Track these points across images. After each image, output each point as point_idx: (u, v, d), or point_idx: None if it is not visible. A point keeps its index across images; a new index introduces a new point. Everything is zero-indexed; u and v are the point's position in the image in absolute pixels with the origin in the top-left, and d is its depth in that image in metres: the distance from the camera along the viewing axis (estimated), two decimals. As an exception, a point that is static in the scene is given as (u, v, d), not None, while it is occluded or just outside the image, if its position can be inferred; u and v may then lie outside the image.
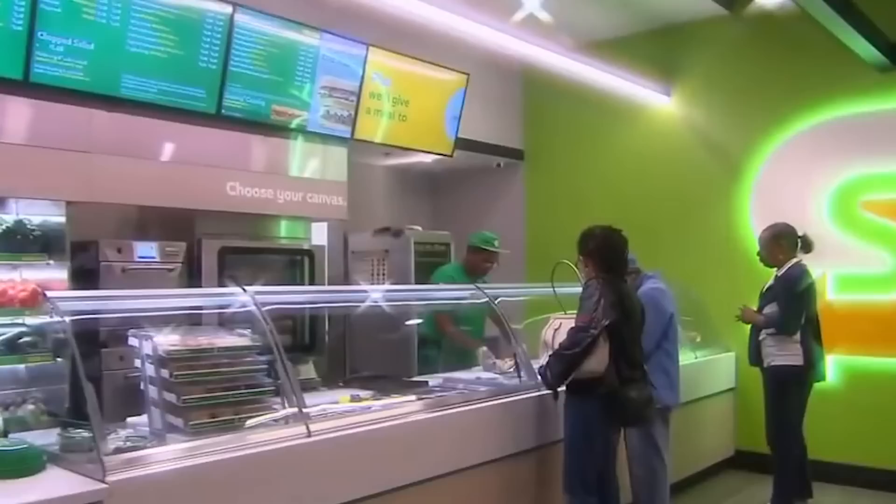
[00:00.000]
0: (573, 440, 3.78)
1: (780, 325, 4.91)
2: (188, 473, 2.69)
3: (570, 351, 3.60)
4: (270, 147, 5.02)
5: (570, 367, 3.62)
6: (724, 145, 6.62)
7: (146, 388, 3.07)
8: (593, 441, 3.77)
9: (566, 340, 3.63)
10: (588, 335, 3.57)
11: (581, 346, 3.57)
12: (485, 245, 5.46)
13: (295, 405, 3.17)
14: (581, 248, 3.89)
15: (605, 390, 3.65)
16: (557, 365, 3.66)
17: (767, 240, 5.11)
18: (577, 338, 3.59)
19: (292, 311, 4.83)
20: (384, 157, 6.82)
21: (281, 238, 5.36)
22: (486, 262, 5.48)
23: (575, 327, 3.62)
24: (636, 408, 3.72)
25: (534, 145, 7.70)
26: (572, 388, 3.72)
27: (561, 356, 3.64)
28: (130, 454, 2.68)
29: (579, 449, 3.76)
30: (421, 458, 3.49)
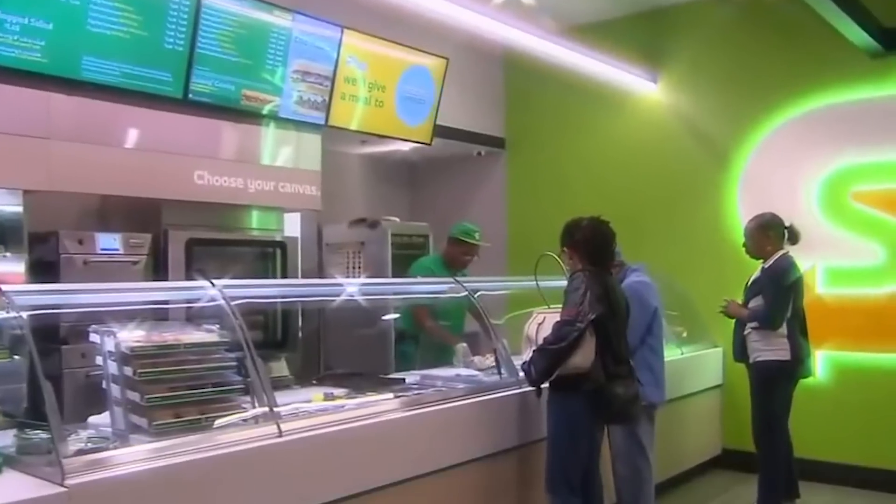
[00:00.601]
0: (557, 438, 3.78)
1: (766, 319, 4.93)
2: (152, 476, 2.66)
3: (556, 346, 3.59)
4: (240, 134, 4.98)
5: (555, 363, 3.61)
6: (712, 133, 6.64)
7: (108, 386, 3.03)
8: (578, 439, 3.77)
9: (551, 335, 3.62)
10: (574, 329, 3.56)
11: (567, 340, 3.57)
12: (464, 237, 5.45)
13: (265, 404, 3.15)
14: (567, 239, 3.88)
15: (590, 386, 3.65)
16: (542, 360, 3.65)
17: (754, 230, 5.13)
18: (563, 332, 3.58)
19: (263, 305, 4.80)
20: (360, 144, 6.80)
21: (252, 229, 5.33)
22: (466, 255, 5.47)
23: (560, 321, 3.62)
24: (622, 405, 3.73)
25: (515, 133, 7.70)
26: (556, 385, 3.71)
27: (546, 351, 3.63)
28: (91, 456, 2.65)
29: (563, 447, 3.76)
30: (397, 458, 3.49)
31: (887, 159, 5.88)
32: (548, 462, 3.81)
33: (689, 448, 6.04)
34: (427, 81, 6.03)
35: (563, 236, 3.91)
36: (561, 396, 3.74)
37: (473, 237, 5.46)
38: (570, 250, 3.86)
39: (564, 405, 3.74)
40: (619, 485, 4.52)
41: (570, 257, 3.86)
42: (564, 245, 3.89)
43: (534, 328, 3.80)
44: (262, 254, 5.22)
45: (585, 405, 3.69)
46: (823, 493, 5.71)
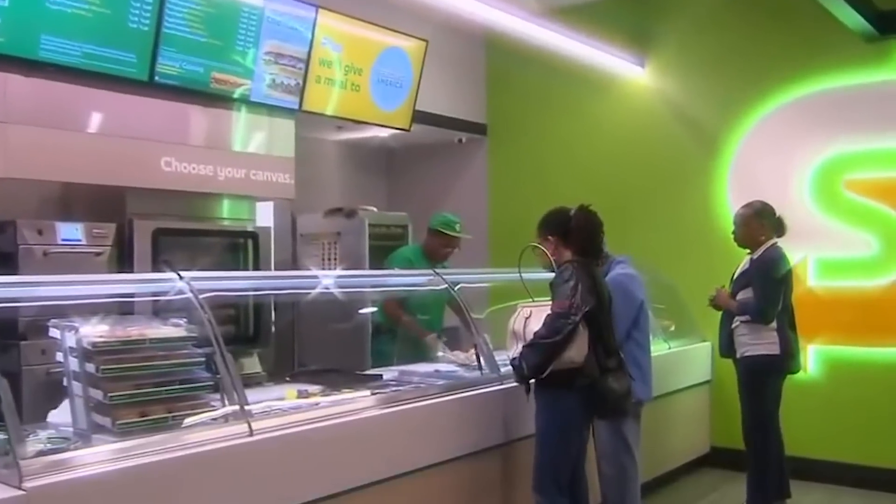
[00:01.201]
0: (547, 436, 3.76)
1: (757, 313, 4.93)
2: (116, 477, 2.63)
3: (550, 339, 3.58)
4: (210, 119, 4.95)
5: (549, 357, 3.60)
6: (701, 120, 6.66)
7: (70, 384, 3.00)
8: (570, 437, 3.77)
9: (543, 328, 3.60)
10: (569, 322, 3.57)
11: (562, 333, 3.56)
12: (444, 229, 5.43)
13: (236, 402, 3.13)
14: (554, 229, 3.85)
15: (585, 381, 3.66)
16: (535, 355, 3.62)
17: (749, 217, 5.10)
18: (557, 325, 3.57)
19: (234, 299, 4.79)
20: (336, 130, 6.77)
21: (222, 219, 5.31)
22: (446, 247, 5.45)
23: (554, 314, 3.60)
24: (616, 399, 3.74)
25: (498, 119, 7.68)
26: (548, 381, 3.67)
27: (539, 345, 3.60)
28: (51, 457, 2.62)
29: (554, 445, 3.75)
30: (374, 457, 3.48)
31: (882, 146, 5.91)
32: (536, 462, 3.80)
33: (676, 446, 6.07)
34: (405, 64, 6.01)
35: (548, 225, 3.89)
36: (552, 393, 3.71)
37: (454, 229, 5.44)
38: (556, 239, 3.83)
39: (556, 402, 3.72)
40: (605, 484, 4.52)
41: (555, 247, 3.84)
42: (549, 234, 3.86)
43: (520, 323, 3.75)
44: (233, 245, 5.19)
45: (579, 401, 3.70)
46: (816, 493, 5.76)
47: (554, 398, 3.72)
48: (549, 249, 3.86)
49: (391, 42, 5.87)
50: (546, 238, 3.87)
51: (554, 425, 3.75)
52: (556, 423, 3.75)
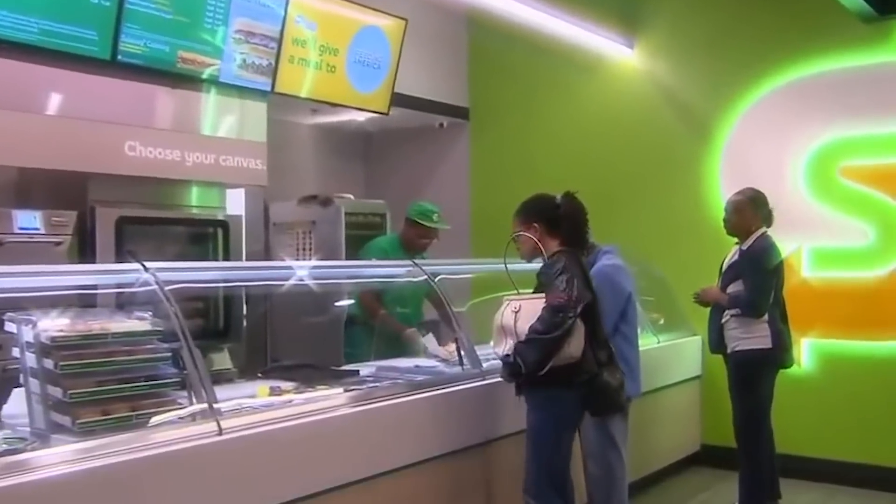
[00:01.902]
0: (542, 436, 3.72)
1: (750, 306, 4.94)
2: (77, 480, 2.61)
3: (550, 335, 3.52)
4: (177, 100, 4.93)
5: (550, 354, 3.55)
6: (692, 103, 6.67)
7: (26, 381, 2.97)
8: (564, 437, 3.74)
9: (540, 324, 3.54)
10: (569, 316, 3.53)
11: (562, 328, 3.52)
12: (421, 220, 5.39)
13: (204, 399, 3.11)
14: (540, 216, 3.80)
15: (583, 377, 3.64)
16: (533, 352, 3.55)
17: (744, 205, 5.10)
18: (556, 320, 3.52)
19: (203, 291, 4.79)
20: (310, 114, 6.76)
21: (190, 207, 5.30)
22: (423, 238, 5.42)
23: (552, 308, 3.54)
24: (613, 394, 3.74)
25: (480, 103, 7.67)
26: (544, 378, 3.60)
27: (538, 341, 3.54)
28: (7, 459, 2.58)
29: (550, 445, 3.71)
30: (350, 457, 3.47)
31: (879, 132, 5.94)
32: (531, 464, 3.74)
33: (665, 444, 6.09)
34: (383, 44, 5.98)
35: (533, 211, 3.83)
36: (548, 391, 3.66)
37: (431, 219, 5.40)
38: (543, 227, 3.78)
39: (552, 400, 3.68)
40: (591, 484, 4.53)
41: (540, 236, 3.78)
42: (535, 221, 3.80)
43: (509, 317, 3.67)
44: (202, 234, 5.18)
45: (576, 398, 3.68)
46: (810, 492, 5.80)
47: (549, 396, 3.68)
48: (534, 238, 3.80)
49: (369, 21, 5.84)
50: (530, 226, 3.82)
51: (549, 424, 3.72)
52: (552, 422, 3.71)
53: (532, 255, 3.84)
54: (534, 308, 3.60)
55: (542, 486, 3.73)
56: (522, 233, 3.82)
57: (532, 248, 3.81)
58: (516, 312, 3.64)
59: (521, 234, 3.82)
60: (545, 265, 3.71)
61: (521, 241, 3.84)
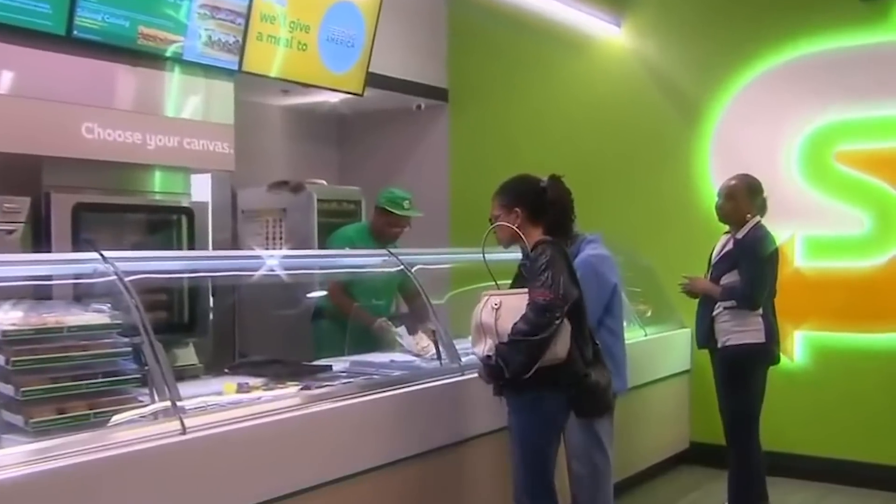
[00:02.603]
0: (530, 441, 3.65)
1: (746, 298, 4.93)
2: (30, 483, 2.58)
3: (538, 336, 3.42)
4: (138, 80, 4.90)
5: (536, 356, 3.45)
6: (682, 85, 6.68)
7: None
8: (553, 438, 3.69)
9: (525, 323, 3.43)
10: (556, 316, 3.43)
11: (549, 329, 3.42)
12: (391, 207, 5.35)
13: (167, 397, 3.09)
14: (523, 200, 3.67)
15: (569, 379, 3.57)
16: (518, 355, 3.44)
17: (740, 191, 5.07)
18: (543, 319, 3.42)
19: (166, 282, 4.72)
20: (281, 95, 6.74)
21: (153, 193, 5.27)
22: (393, 227, 5.38)
23: (538, 305, 3.43)
24: (601, 395, 3.68)
25: (460, 84, 7.66)
26: (528, 380, 3.51)
27: (524, 343, 3.43)
28: (-45, 460, 2.57)
29: (540, 450, 3.64)
30: (321, 457, 3.46)
31: (877, 115, 5.96)
32: (521, 473, 3.66)
33: (652, 442, 6.12)
34: (357, 21, 5.96)
35: (516, 194, 3.71)
36: (533, 393, 3.57)
37: (402, 207, 5.35)
38: (526, 213, 3.66)
39: (537, 403, 3.60)
40: (575, 485, 4.54)
41: (522, 222, 3.66)
42: (518, 205, 3.67)
43: (489, 314, 3.55)
44: (166, 222, 5.16)
45: (562, 400, 3.61)
46: (802, 491, 5.84)
47: (534, 398, 3.59)
48: (514, 224, 3.67)
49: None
50: (512, 210, 3.69)
51: (537, 428, 3.64)
52: (539, 426, 3.64)
53: (510, 242, 3.72)
54: (515, 304, 3.49)
55: (540, 493, 3.66)
56: (502, 222, 3.69)
57: (511, 234, 3.68)
58: (496, 309, 3.53)
59: (501, 221, 3.69)
60: (529, 257, 3.60)
61: (500, 226, 3.70)
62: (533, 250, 3.59)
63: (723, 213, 5.13)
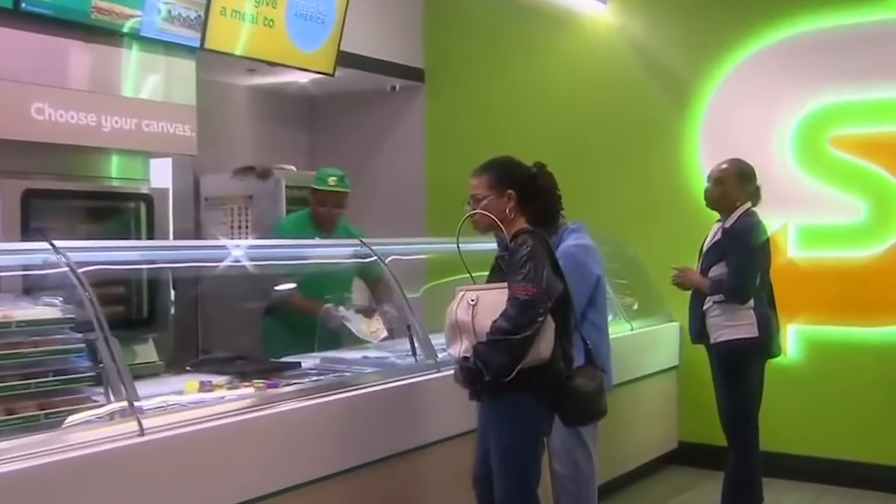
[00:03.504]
0: (518, 453, 3.55)
1: (734, 291, 4.93)
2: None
3: (521, 335, 3.34)
4: (93, 57, 4.88)
5: (520, 356, 3.37)
6: (670, 65, 6.69)
7: (-83, 376, 2.93)
8: (539, 446, 3.61)
9: (507, 321, 3.35)
10: (540, 312, 3.36)
11: (533, 327, 3.34)
12: (316, 185, 5.29)
13: (123, 396, 3.07)
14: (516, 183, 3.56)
15: (551, 381, 3.50)
16: (500, 355, 3.35)
17: (731, 176, 5.06)
18: (527, 316, 3.34)
19: (124, 274, 4.72)
20: (246, 74, 6.73)
21: (109, 179, 5.25)
22: (321, 205, 5.30)
23: (521, 301, 3.35)
24: (588, 400, 3.59)
25: (437, 63, 7.65)
26: (507, 383, 3.42)
27: (505, 342, 3.35)
28: None
29: (529, 462, 3.56)
30: (289, 459, 3.45)
31: (874, 97, 5.99)
32: (511, 490, 3.55)
33: (639, 442, 6.14)
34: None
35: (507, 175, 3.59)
36: (511, 397, 3.49)
37: (326, 182, 5.28)
38: (516, 198, 3.54)
39: (519, 410, 3.51)
40: (557, 487, 4.54)
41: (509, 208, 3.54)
42: (510, 187, 3.55)
43: (465, 311, 3.47)
44: (122, 209, 5.14)
45: (546, 405, 3.55)
46: (796, 492, 5.87)
47: (515, 403, 3.50)
48: (500, 208, 3.55)
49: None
50: (503, 192, 3.57)
51: (518, 436, 3.54)
52: (521, 433, 3.54)
53: (492, 228, 3.60)
54: (494, 300, 3.41)
55: None
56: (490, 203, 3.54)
57: (491, 220, 3.55)
58: (473, 305, 3.44)
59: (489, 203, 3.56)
60: (510, 248, 3.49)
61: (486, 207, 3.54)
62: (513, 241, 3.50)
63: (710, 198, 5.11)
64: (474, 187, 3.61)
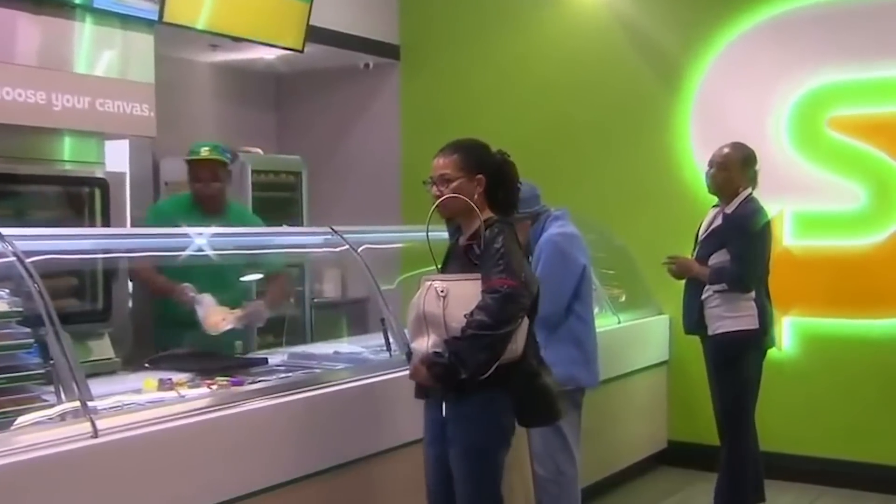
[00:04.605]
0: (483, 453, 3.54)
1: (737, 279, 4.93)
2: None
3: (503, 329, 3.32)
4: (42, 30, 4.84)
5: (500, 353, 3.35)
6: (660, 42, 6.69)
7: None
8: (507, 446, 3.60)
9: (487, 315, 3.30)
10: (521, 306, 3.36)
11: (515, 323, 3.35)
12: (188, 156, 5.04)
13: (76, 396, 3.06)
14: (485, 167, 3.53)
15: (522, 379, 3.49)
16: (480, 352, 3.32)
17: (736, 161, 5.08)
18: (509, 311, 3.32)
19: (76, 264, 4.67)
20: (209, 50, 6.73)
21: (61, 161, 5.21)
22: (196, 181, 5.01)
23: (502, 294, 3.30)
24: (553, 400, 3.61)
25: (413, 40, 7.63)
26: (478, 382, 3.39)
27: (485, 337, 3.31)
28: None
29: (492, 462, 3.54)
30: (254, 462, 3.45)
31: (874, 76, 5.99)
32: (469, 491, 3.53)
33: (627, 441, 6.16)
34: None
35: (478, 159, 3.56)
36: (480, 396, 3.45)
37: (198, 153, 5.00)
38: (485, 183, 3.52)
39: (488, 408, 3.49)
40: (538, 489, 4.55)
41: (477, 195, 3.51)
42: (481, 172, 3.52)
43: (433, 303, 3.43)
44: (75, 195, 5.09)
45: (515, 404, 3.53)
46: (791, 493, 5.90)
47: (484, 402, 3.48)
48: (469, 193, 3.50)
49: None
50: (474, 176, 3.54)
51: (488, 436, 3.53)
52: (491, 433, 3.54)
53: (459, 213, 3.56)
54: (465, 292, 3.38)
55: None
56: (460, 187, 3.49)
57: (465, 204, 3.50)
58: (443, 297, 3.41)
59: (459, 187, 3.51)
60: (485, 238, 3.44)
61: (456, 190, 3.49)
62: (487, 230, 3.46)
63: (715, 184, 5.13)
64: (442, 167, 3.56)
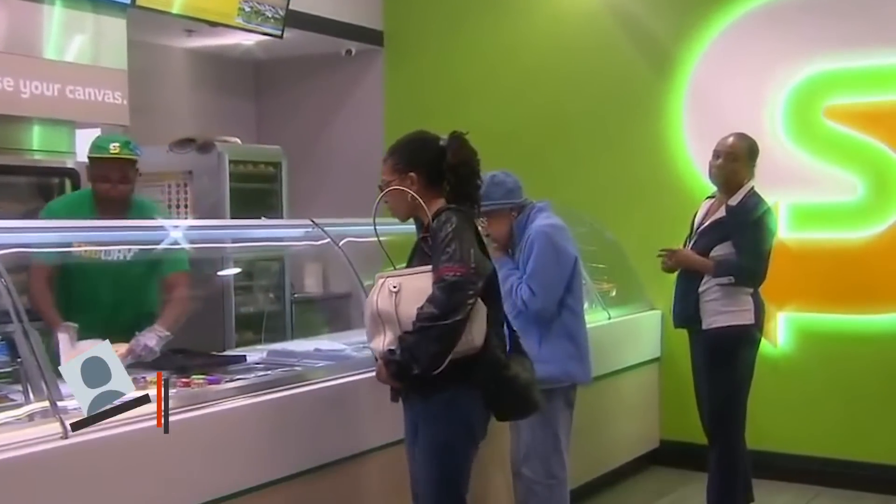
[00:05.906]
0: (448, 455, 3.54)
1: (747, 273, 4.93)
2: None
3: (452, 319, 3.32)
4: (9, 14, 4.87)
5: (451, 343, 3.36)
6: (652, 28, 6.70)
7: None
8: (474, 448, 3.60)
9: (435, 305, 3.33)
10: (470, 294, 3.36)
11: (464, 311, 3.34)
12: (93, 152, 4.51)
13: (45, 395, 3.06)
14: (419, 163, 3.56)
15: (488, 371, 3.49)
16: (429, 344, 3.34)
17: (744, 152, 5.07)
18: (456, 299, 3.33)
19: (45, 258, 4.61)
20: (184, 35, 6.71)
21: (30, 151, 5.23)
22: (100, 180, 4.50)
23: (447, 283, 3.34)
24: (523, 390, 3.59)
25: (397, 25, 7.63)
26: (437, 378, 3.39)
27: (433, 330, 3.32)
28: None
29: (458, 464, 3.55)
30: (231, 462, 3.44)
31: (873, 63, 6.00)
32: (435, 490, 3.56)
33: (618, 441, 6.16)
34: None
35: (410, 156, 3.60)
36: (444, 394, 3.47)
37: (107, 150, 4.47)
38: (422, 179, 3.54)
39: (454, 406, 3.49)
40: (522, 490, 4.55)
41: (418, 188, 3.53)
42: (413, 170, 3.55)
43: (386, 300, 3.45)
44: (45, 186, 5.14)
45: (480, 399, 3.52)
46: (786, 493, 5.92)
47: (447, 401, 3.49)
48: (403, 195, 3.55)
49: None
50: (406, 175, 3.57)
51: (453, 438, 3.54)
52: (456, 434, 3.54)
53: (409, 213, 3.62)
54: (418, 286, 3.40)
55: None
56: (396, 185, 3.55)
57: (408, 204, 3.56)
58: (395, 293, 3.43)
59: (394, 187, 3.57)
60: (431, 228, 3.48)
61: (393, 194, 3.59)
62: (434, 220, 3.49)
63: (722, 175, 5.10)
64: (382, 172, 3.66)
